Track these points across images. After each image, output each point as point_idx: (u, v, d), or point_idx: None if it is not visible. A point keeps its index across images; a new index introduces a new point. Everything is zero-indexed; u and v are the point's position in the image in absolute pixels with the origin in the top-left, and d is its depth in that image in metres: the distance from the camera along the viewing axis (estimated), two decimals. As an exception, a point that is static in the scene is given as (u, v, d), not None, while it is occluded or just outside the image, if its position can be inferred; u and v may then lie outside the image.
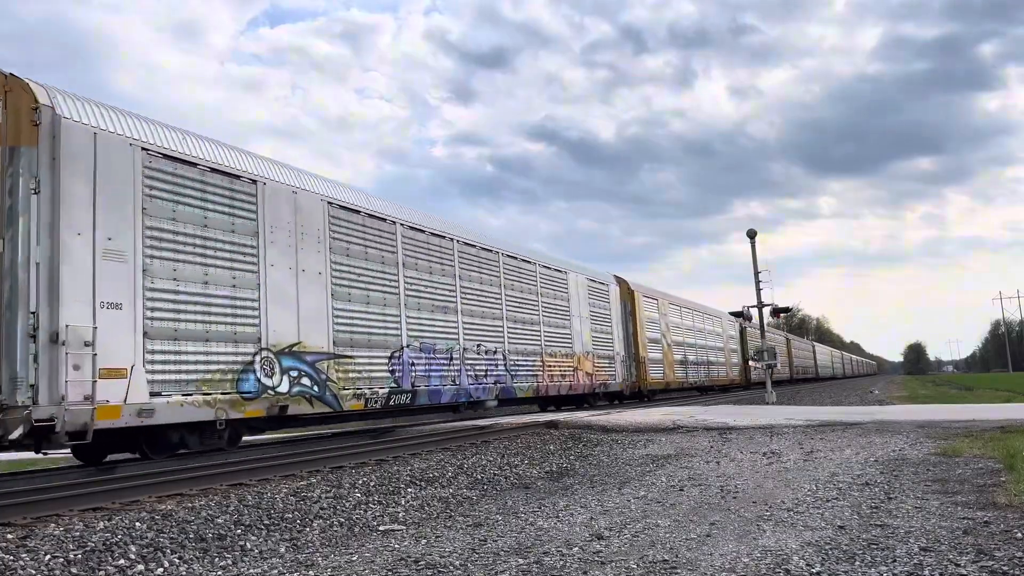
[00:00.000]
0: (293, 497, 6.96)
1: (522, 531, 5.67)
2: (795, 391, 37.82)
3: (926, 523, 5.24)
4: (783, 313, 28.09)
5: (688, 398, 30.37)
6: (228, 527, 5.85)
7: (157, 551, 5.17)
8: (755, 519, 5.70)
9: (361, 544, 5.54)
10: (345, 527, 6.17)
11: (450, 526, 6.07)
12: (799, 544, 4.79)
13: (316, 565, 4.89)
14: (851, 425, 12.61)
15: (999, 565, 4.08)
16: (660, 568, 4.40)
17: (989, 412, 13.75)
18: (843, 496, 6.48)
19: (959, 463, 8.11)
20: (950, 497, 6.21)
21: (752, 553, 4.62)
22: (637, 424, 13.89)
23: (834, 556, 4.45)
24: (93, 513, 6.20)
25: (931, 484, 6.90)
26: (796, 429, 12.58)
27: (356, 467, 9.07)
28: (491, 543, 5.27)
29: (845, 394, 33.08)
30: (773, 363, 24.86)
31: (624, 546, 5.01)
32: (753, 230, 25.38)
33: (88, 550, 5.00)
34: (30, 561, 4.72)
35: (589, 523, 5.86)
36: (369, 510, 6.78)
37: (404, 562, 4.80)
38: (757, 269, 25.27)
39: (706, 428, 13.28)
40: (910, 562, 4.23)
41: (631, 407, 21.15)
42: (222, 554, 5.27)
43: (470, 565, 4.66)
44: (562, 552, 4.89)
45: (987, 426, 11.36)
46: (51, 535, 5.28)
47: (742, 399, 27.28)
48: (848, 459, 8.88)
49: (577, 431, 13.53)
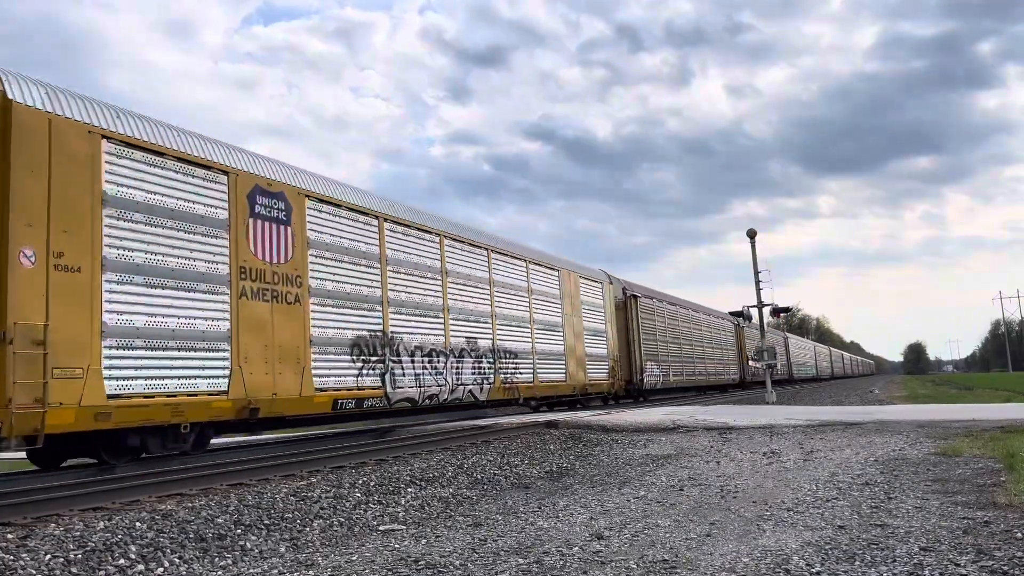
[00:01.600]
0: (293, 497, 6.96)
1: (522, 531, 5.67)
2: (795, 391, 37.83)
3: (926, 523, 5.24)
4: (783, 313, 28.11)
5: (685, 398, 29.96)
6: (228, 527, 5.85)
7: (157, 551, 5.17)
8: (755, 519, 5.70)
9: (361, 544, 5.54)
10: (345, 527, 6.17)
11: (450, 526, 6.07)
12: (799, 544, 4.79)
13: (316, 565, 4.89)
14: (851, 425, 12.62)
15: (999, 565, 4.08)
16: (660, 568, 4.40)
17: (989, 412, 13.76)
18: (843, 496, 6.48)
19: (959, 463, 8.11)
20: (950, 497, 6.21)
21: (752, 553, 4.62)
22: (637, 424, 13.89)
23: (834, 556, 4.45)
24: (93, 513, 6.20)
25: (931, 484, 6.90)
26: (796, 429, 12.58)
27: (356, 467, 9.07)
28: (491, 543, 5.27)
29: (845, 394, 33.09)
30: (773, 363, 24.87)
31: (624, 546, 5.01)
32: (753, 230, 25.39)
33: (88, 550, 5.00)
34: (30, 561, 4.72)
35: (589, 523, 5.86)
36: (369, 510, 6.78)
37: (404, 562, 4.81)
38: (757, 269, 25.28)
39: (706, 428, 13.28)
40: (910, 562, 4.23)
41: (628, 407, 21.16)
42: (222, 554, 5.27)
43: (470, 565, 4.66)
44: (562, 552, 4.89)
45: (987, 426, 11.36)
46: (51, 535, 5.28)
47: (742, 399, 27.29)
48: (848, 459, 8.88)
49: (577, 431, 13.53)
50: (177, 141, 10.01)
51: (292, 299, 11.30)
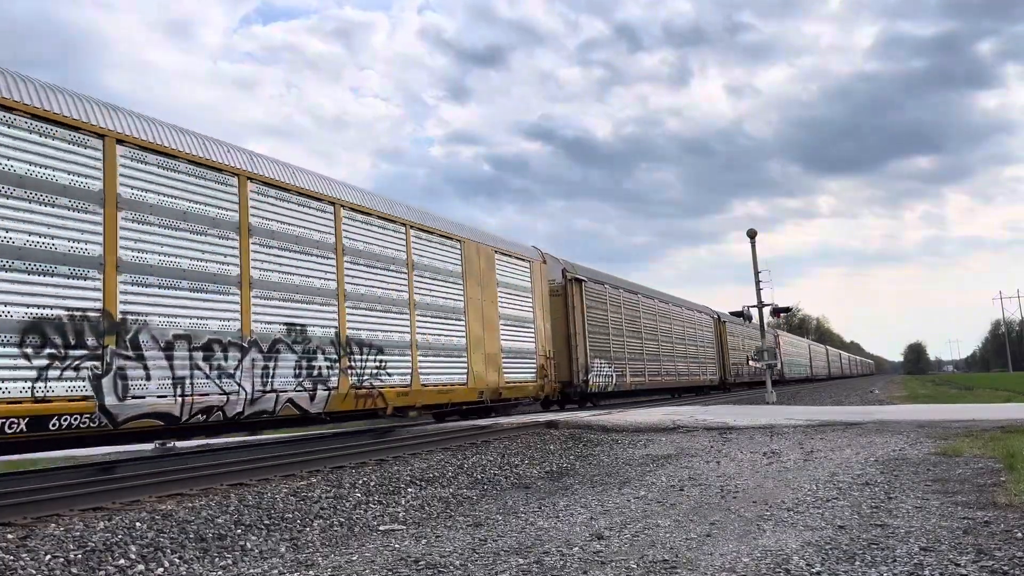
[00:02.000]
0: (293, 497, 6.96)
1: (522, 531, 5.67)
2: (794, 391, 37.84)
3: (926, 523, 5.24)
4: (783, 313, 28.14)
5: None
6: (228, 527, 5.85)
7: (157, 551, 5.17)
8: (755, 519, 5.70)
9: (361, 544, 5.54)
10: (345, 527, 6.17)
11: (450, 526, 6.07)
12: (799, 544, 4.79)
13: (316, 565, 4.89)
14: (851, 425, 12.62)
15: (999, 565, 4.08)
16: (660, 568, 4.40)
17: (989, 412, 13.77)
18: (843, 496, 6.48)
19: (959, 463, 8.11)
20: (950, 497, 6.21)
21: (752, 553, 4.62)
22: (637, 424, 13.92)
23: (834, 556, 4.45)
24: (93, 513, 6.20)
25: (931, 484, 6.90)
26: (796, 429, 12.59)
27: (356, 467, 9.07)
28: (491, 543, 5.28)
29: (845, 394, 33.11)
30: (774, 363, 24.89)
31: (624, 546, 5.02)
32: (753, 230, 25.41)
33: (88, 550, 5.00)
34: (30, 561, 4.72)
35: (589, 523, 5.86)
36: (369, 510, 6.78)
37: (404, 562, 4.81)
38: (757, 269, 25.29)
39: (706, 428, 13.29)
40: (910, 562, 4.23)
41: (629, 408, 21.14)
42: (222, 554, 5.27)
43: (470, 565, 4.66)
44: (562, 552, 4.89)
45: (987, 426, 11.37)
46: (51, 535, 5.28)
47: (742, 399, 27.29)
48: (848, 459, 8.89)
49: (577, 431, 13.55)
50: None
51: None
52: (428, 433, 13.03)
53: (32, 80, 8.56)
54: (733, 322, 40.73)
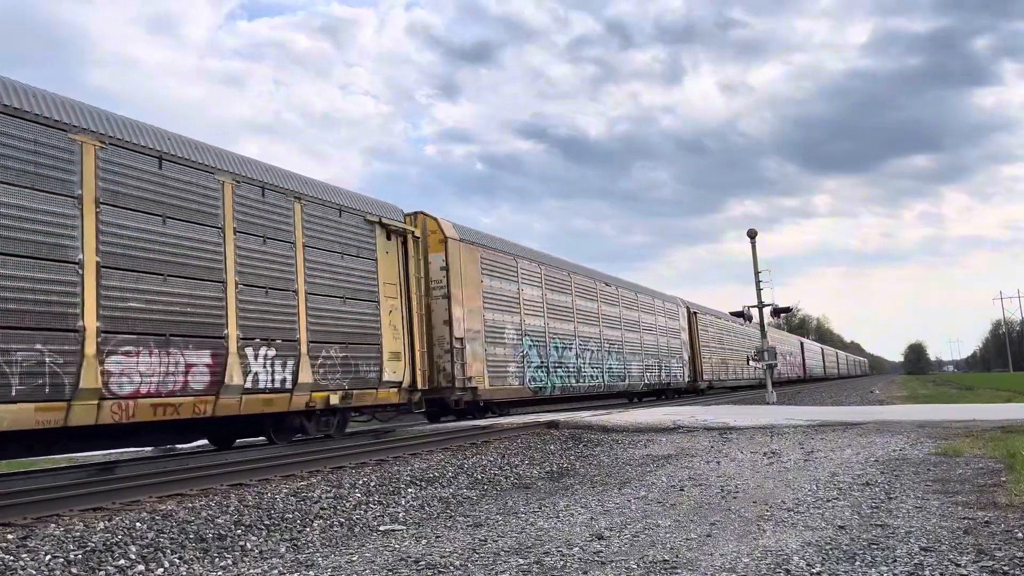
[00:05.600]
0: (293, 497, 6.96)
1: (522, 531, 5.67)
2: (794, 391, 37.82)
3: (926, 523, 5.24)
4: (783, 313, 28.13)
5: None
6: (228, 527, 5.85)
7: (157, 551, 5.17)
8: (755, 519, 5.69)
9: (361, 544, 5.53)
10: (345, 527, 6.17)
11: (450, 526, 6.07)
12: (799, 544, 4.79)
13: (316, 565, 4.89)
14: (851, 425, 12.62)
15: (999, 565, 4.07)
16: (660, 568, 4.40)
17: (989, 412, 13.75)
18: (843, 496, 6.48)
19: (959, 463, 8.11)
20: (951, 497, 6.21)
21: (752, 553, 4.62)
22: (638, 424, 13.92)
23: (834, 556, 4.45)
24: (93, 513, 6.20)
25: (932, 484, 6.90)
26: (796, 429, 12.58)
27: (356, 467, 9.07)
28: (491, 543, 5.27)
29: (845, 394, 33.12)
30: (774, 363, 24.90)
31: (624, 546, 5.01)
32: (754, 230, 25.40)
33: (88, 550, 5.00)
34: (30, 561, 4.72)
35: (589, 523, 5.86)
36: (369, 510, 6.77)
37: (404, 562, 4.80)
38: (757, 269, 25.28)
39: (706, 428, 13.29)
40: (910, 562, 4.22)
41: (627, 408, 21.09)
42: (222, 554, 5.27)
43: (470, 565, 4.66)
44: (562, 552, 4.89)
45: (987, 426, 11.36)
46: (51, 535, 5.28)
47: (744, 399, 27.28)
48: (848, 459, 8.88)
49: (577, 431, 13.55)
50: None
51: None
52: (427, 433, 13.02)
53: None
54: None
